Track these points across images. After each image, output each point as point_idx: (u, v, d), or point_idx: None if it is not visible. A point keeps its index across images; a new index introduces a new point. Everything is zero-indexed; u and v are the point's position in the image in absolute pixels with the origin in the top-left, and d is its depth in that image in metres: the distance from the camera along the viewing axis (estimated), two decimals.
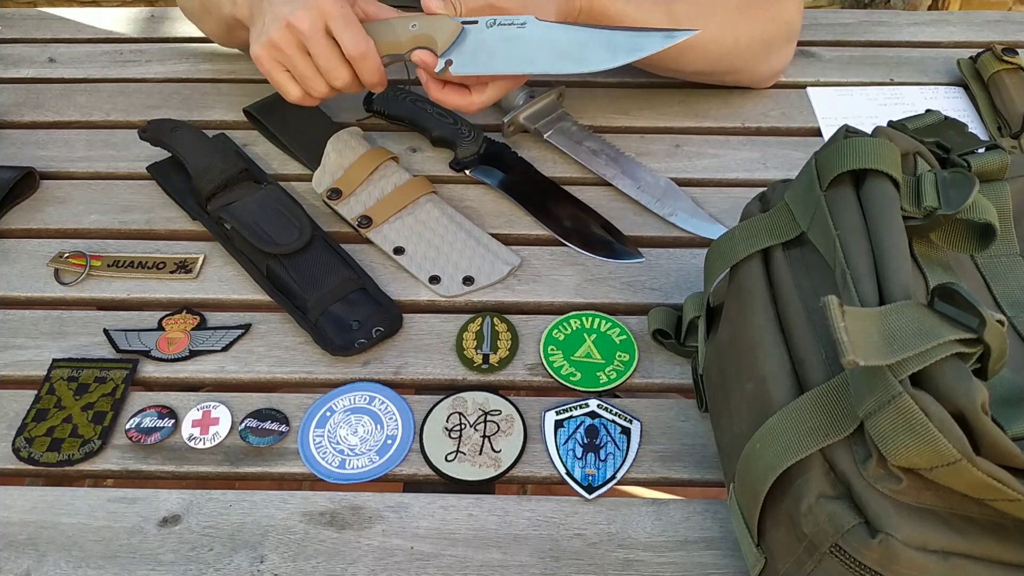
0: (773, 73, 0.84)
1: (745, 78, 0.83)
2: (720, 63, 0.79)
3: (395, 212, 0.70)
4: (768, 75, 0.83)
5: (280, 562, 0.51)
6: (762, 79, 0.83)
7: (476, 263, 0.67)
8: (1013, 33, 0.92)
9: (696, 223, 0.71)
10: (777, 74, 0.84)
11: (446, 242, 0.69)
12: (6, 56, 0.91)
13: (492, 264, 0.67)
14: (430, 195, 0.72)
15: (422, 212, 0.70)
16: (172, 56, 0.91)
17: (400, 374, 0.61)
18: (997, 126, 0.78)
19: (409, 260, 0.68)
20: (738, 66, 0.80)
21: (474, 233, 0.69)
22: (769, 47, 0.80)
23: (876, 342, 0.36)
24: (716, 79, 0.83)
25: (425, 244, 0.68)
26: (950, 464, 0.35)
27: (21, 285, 0.67)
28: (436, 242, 0.69)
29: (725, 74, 0.81)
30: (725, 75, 0.82)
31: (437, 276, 0.67)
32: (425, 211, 0.71)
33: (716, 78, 0.82)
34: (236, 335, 0.63)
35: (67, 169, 0.78)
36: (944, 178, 0.45)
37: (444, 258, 0.68)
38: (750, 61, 0.80)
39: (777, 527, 0.43)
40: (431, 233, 0.69)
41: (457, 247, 0.68)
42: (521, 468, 0.55)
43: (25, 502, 0.54)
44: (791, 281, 0.47)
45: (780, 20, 0.79)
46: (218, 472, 0.56)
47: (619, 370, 0.60)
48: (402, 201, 0.71)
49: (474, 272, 0.67)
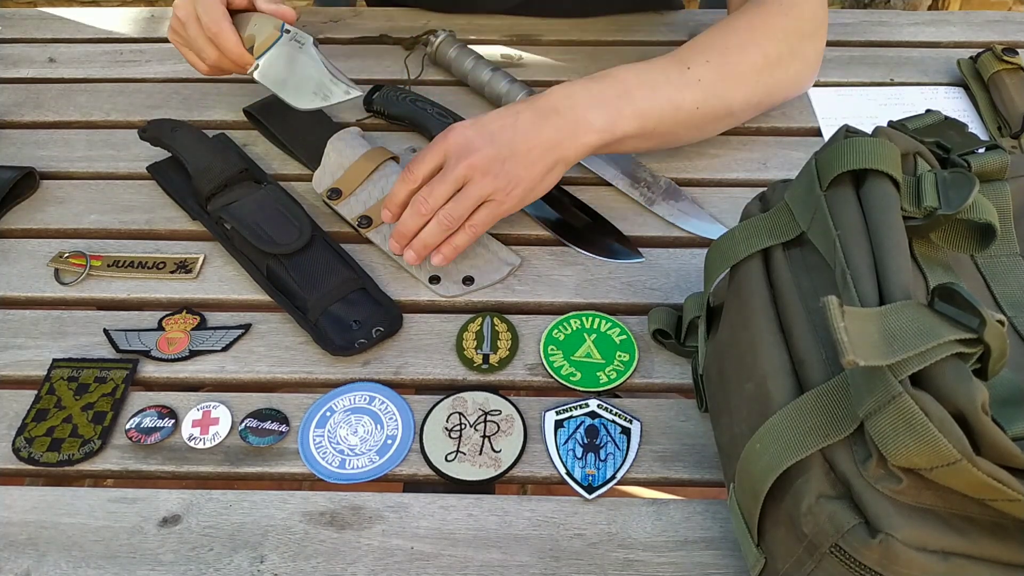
0: (812, 72, 0.79)
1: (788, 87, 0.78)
2: (753, 114, 0.77)
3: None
4: (809, 76, 0.79)
5: (280, 562, 0.51)
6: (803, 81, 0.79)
7: (476, 263, 0.67)
8: (1013, 33, 0.92)
9: (696, 223, 0.71)
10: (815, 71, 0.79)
11: None
12: (6, 56, 0.91)
13: (492, 264, 0.67)
14: None
15: None
16: (172, 56, 0.91)
17: (400, 374, 0.61)
18: (997, 126, 0.78)
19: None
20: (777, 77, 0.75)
21: (480, 239, 0.69)
22: (799, 85, 0.78)
23: (876, 342, 0.36)
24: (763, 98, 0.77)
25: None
26: (950, 464, 0.35)
27: (21, 285, 0.67)
28: None
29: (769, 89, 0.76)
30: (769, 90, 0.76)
31: (437, 276, 0.66)
32: None
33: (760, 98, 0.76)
34: (236, 335, 0.63)
35: (67, 169, 0.78)
36: (944, 178, 0.45)
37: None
38: (779, 101, 0.78)
39: (777, 527, 0.43)
40: None
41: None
42: (521, 468, 0.55)
43: (25, 502, 0.54)
44: (791, 281, 0.47)
45: (807, 62, 0.76)
46: (218, 472, 0.56)
47: (619, 370, 0.60)
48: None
49: (474, 272, 0.67)
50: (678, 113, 0.69)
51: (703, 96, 0.69)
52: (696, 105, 0.69)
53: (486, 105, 0.83)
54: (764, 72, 0.72)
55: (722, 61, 0.70)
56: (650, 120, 0.67)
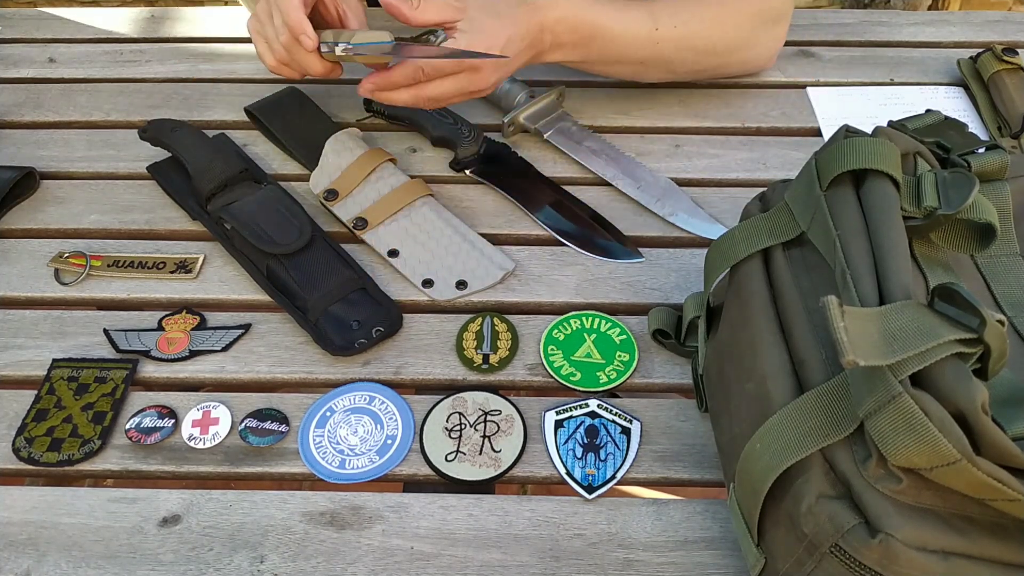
0: (769, 57, 0.85)
1: (736, 69, 0.84)
2: (710, 58, 0.80)
3: (390, 215, 0.70)
4: (764, 59, 0.85)
5: (280, 562, 0.51)
6: (757, 66, 0.85)
7: (470, 266, 0.67)
8: (1013, 33, 0.92)
9: (696, 223, 0.71)
10: (772, 56, 0.85)
11: (440, 245, 0.68)
12: (6, 56, 0.91)
13: (486, 268, 0.67)
14: (426, 198, 0.72)
15: (417, 215, 0.70)
16: (172, 56, 0.91)
17: (400, 374, 0.61)
18: (997, 126, 0.78)
19: (403, 263, 0.67)
20: (730, 59, 0.81)
21: (469, 236, 0.69)
22: (757, 32, 0.80)
23: (876, 342, 0.36)
24: (710, 74, 0.83)
25: (420, 247, 0.68)
26: (950, 464, 0.35)
27: (21, 285, 0.67)
28: (431, 245, 0.68)
29: (718, 68, 0.82)
30: (718, 68, 0.82)
31: (430, 280, 0.66)
32: (421, 214, 0.70)
33: (710, 73, 0.83)
34: (236, 335, 0.63)
35: (67, 169, 0.78)
36: (944, 178, 0.45)
37: (438, 261, 0.67)
38: (741, 49, 0.81)
39: (777, 527, 0.43)
40: (426, 236, 0.69)
41: (452, 250, 0.68)
42: (521, 468, 0.55)
43: (25, 502, 0.54)
44: (791, 281, 0.47)
45: (766, 4, 0.79)
46: (218, 472, 0.56)
47: (619, 370, 0.60)
48: (398, 204, 0.70)
49: (467, 276, 0.67)
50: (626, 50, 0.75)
51: (653, 55, 0.76)
52: (641, 60, 0.77)
53: (486, 105, 0.83)
54: (719, 55, 0.80)
55: (685, 31, 0.76)
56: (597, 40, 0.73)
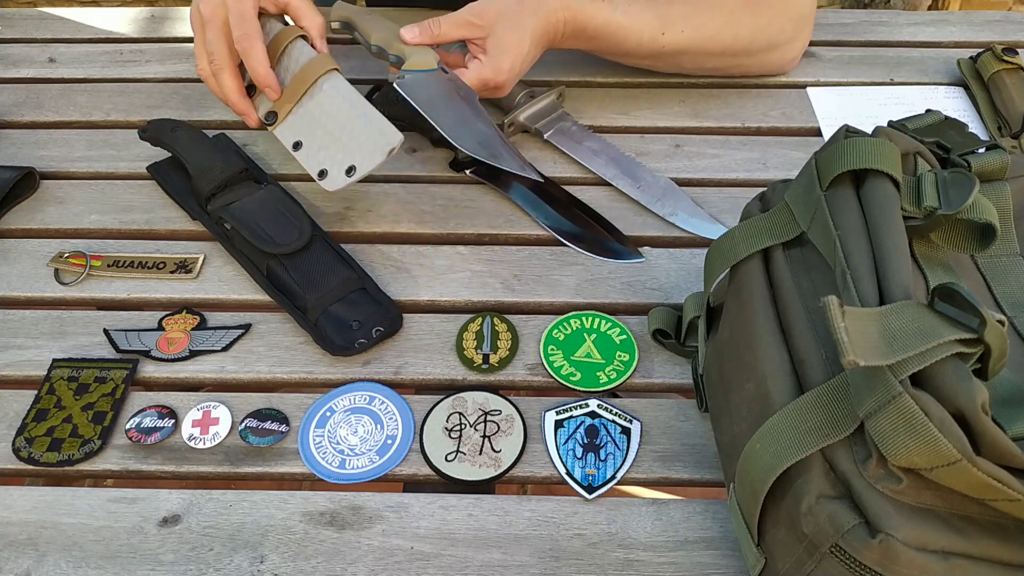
0: (783, 64, 0.85)
1: (754, 71, 0.84)
2: (721, 60, 0.80)
3: (297, 100, 0.67)
4: (778, 66, 0.85)
5: (280, 562, 0.51)
6: (772, 70, 0.85)
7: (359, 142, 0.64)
8: (1013, 33, 0.92)
9: (696, 223, 0.71)
10: (789, 64, 0.85)
11: (338, 124, 0.65)
12: (6, 56, 0.91)
13: (374, 141, 0.64)
14: (329, 73, 0.68)
15: (321, 95, 0.67)
16: (172, 56, 0.91)
17: (400, 374, 0.61)
18: (997, 126, 0.78)
19: (305, 155, 0.65)
20: (742, 62, 0.81)
21: (361, 107, 0.66)
22: (774, 41, 0.80)
23: (876, 342, 0.36)
24: (722, 72, 0.84)
25: (322, 132, 0.65)
26: (950, 464, 0.35)
27: (21, 285, 0.67)
28: (331, 126, 0.65)
29: (730, 68, 0.83)
30: (731, 69, 0.83)
31: (325, 170, 0.64)
32: (324, 93, 0.67)
33: (722, 71, 0.84)
34: (236, 335, 0.63)
35: (67, 169, 0.78)
36: (944, 178, 0.45)
37: (337, 144, 0.64)
38: (754, 55, 0.81)
39: (777, 527, 0.43)
40: (327, 117, 0.65)
41: (347, 127, 0.65)
42: (521, 468, 0.55)
43: (25, 502, 0.54)
44: (791, 281, 0.47)
45: (786, 14, 0.79)
46: (218, 472, 0.56)
47: (619, 370, 0.60)
48: (302, 86, 0.67)
49: (357, 158, 0.63)
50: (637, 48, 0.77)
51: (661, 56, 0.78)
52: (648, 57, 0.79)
53: (486, 104, 0.83)
54: (727, 57, 0.80)
55: (695, 36, 0.77)
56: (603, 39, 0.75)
